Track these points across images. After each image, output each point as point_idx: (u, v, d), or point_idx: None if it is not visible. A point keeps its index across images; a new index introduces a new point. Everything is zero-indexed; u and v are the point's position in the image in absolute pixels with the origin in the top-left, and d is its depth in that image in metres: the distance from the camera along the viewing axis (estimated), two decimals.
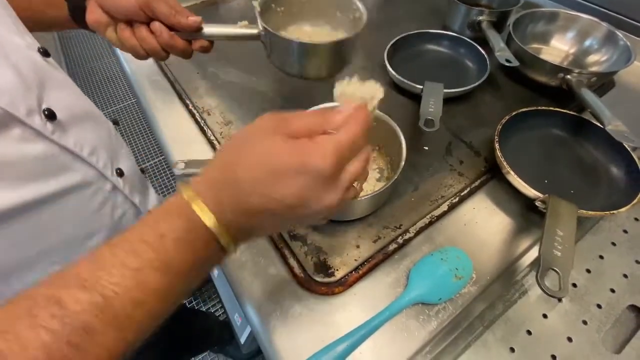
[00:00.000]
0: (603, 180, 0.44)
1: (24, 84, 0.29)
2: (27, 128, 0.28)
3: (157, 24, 0.36)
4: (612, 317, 0.42)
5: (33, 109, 0.29)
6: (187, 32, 0.38)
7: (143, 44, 0.37)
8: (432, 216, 0.42)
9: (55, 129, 0.31)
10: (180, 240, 0.21)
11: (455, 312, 0.35)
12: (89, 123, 0.37)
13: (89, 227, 0.36)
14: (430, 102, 0.46)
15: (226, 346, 1.01)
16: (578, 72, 0.49)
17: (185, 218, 0.21)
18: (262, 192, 0.21)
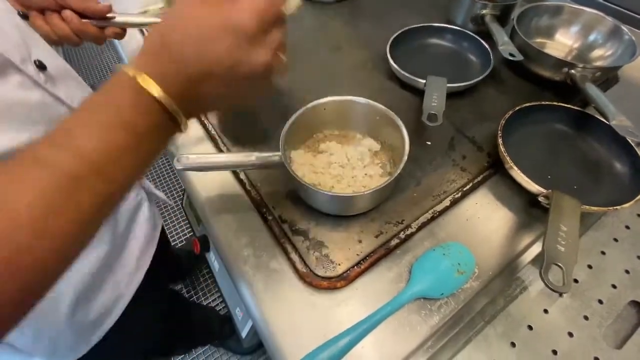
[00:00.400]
0: (606, 176, 0.43)
1: (12, 39, 0.31)
2: (24, 76, 0.31)
3: (68, 12, 0.38)
4: (614, 312, 0.42)
5: (26, 58, 0.32)
6: (97, 19, 0.40)
7: (56, 30, 0.38)
8: (434, 211, 0.41)
9: (47, 79, 0.34)
10: (132, 113, 0.22)
11: (457, 307, 0.35)
12: (73, 81, 0.40)
13: None
14: (434, 97, 0.46)
15: (227, 340, 1.02)
16: (582, 67, 0.49)
17: (134, 92, 0.22)
18: (197, 56, 0.22)
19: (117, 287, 0.47)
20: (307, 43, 0.65)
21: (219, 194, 0.45)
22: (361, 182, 0.42)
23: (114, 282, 0.46)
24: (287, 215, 0.41)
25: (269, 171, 0.45)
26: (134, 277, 0.49)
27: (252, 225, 0.41)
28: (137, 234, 0.50)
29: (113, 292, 0.47)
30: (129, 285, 0.49)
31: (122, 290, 0.48)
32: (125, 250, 0.48)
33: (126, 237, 0.48)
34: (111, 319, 0.48)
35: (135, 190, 0.49)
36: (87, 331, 0.46)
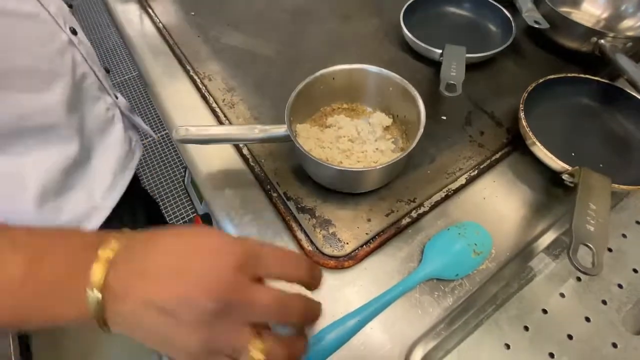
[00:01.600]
0: (635, 153, 0.41)
1: None
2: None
3: None
4: (634, 297, 0.40)
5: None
6: None
7: None
8: (448, 190, 0.39)
9: None
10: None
11: (472, 289, 0.33)
12: None
13: (50, 66, 0.39)
14: (452, 66, 0.42)
15: None
16: (613, 37, 0.45)
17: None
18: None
19: (91, 196, 0.46)
20: (314, 11, 0.61)
21: (221, 169, 0.43)
22: (372, 157, 0.39)
23: (88, 189, 0.46)
24: (293, 192, 0.39)
25: (273, 146, 0.43)
26: (110, 193, 0.48)
27: (255, 202, 0.39)
28: (108, 152, 0.49)
29: (87, 201, 0.46)
30: (105, 199, 0.48)
31: (97, 201, 0.47)
32: (96, 159, 0.47)
33: (96, 144, 0.47)
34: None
35: (105, 105, 0.48)
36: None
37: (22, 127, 0.38)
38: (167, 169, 1.43)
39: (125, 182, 0.51)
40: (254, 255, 0.20)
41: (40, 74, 0.38)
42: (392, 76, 0.39)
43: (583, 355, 0.37)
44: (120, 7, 0.67)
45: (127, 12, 0.66)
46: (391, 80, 0.40)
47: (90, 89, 0.46)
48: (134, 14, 0.66)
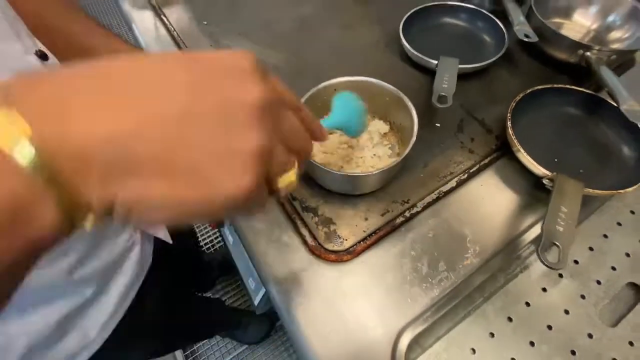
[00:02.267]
0: (614, 160, 0.44)
1: None
2: None
3: None
4: (611, 292, 0.44)
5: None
6: None
7: None
8: (440, 192, 0.43)
9: None
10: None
11: (457, 281, 0.37)
12: None
13: None
14: (445, 78, 0.46)
15: (234, 331, 1.04)
16: (598, 49, 0.48)
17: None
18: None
19: (85, 336, 0.40)
20: (318, 20, 0.65)
21: None
22: (370, 162, 0.43)
23: (82, 331, 0.39)
24: (298, 192, 0.43)
25: None
26: (107, 325, 0.42)
27: None
28: (117, 282, 0.42)
29: (79, 342, 0.39)
30: (100, 333, 0.41)
31: (90, 338, 0.40)
32: (102, 298, 0.41)
33: (109, 280, 0.41)
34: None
35: (128, 232, 0.43)
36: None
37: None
38: None
39: (127, 304, 0.44)
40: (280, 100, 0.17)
41: None
42: (388, 87, 0.43)
43: (561, 344, 0.41)
44: (136, 14, 0.71)
45: (142, 19, 0.70)
46: (387, 90, 0.43)
47: (114, 229, 0.40)
48: (149, 22, 0.70)
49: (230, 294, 1.19)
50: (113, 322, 0.42)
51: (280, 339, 1.10)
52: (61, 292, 0.35)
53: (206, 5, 0.69)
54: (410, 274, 0.38)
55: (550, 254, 0.32)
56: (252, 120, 0.15)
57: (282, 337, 1.11)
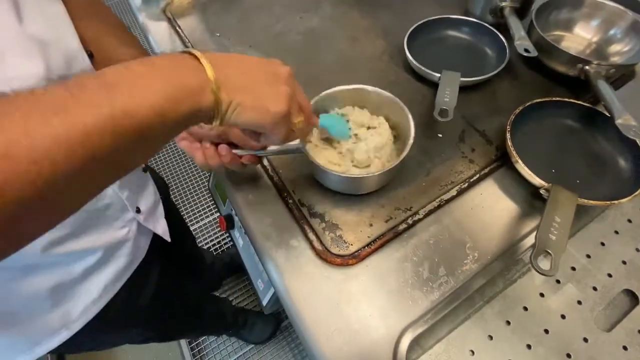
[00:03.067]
0: (610, 172, 0.46)
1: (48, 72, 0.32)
2: None
3: (224, 148, 0.41)
4: (607, 299, 0.45)
5: None
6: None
7: (210, 160, 0.41)
8: (441, 200, 0.45)
9: None
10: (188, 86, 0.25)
11: (456, 285, 0.39)
12: None
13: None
14: (446, 92, 0.48)
15: (240, 330, 1.07)
16: (597, 64, 0.50)
17: (196, 69, 0.26)
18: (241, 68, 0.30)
19: (67, 314, 0.42)
20: (325, 33, 0.67)
21: (244, 178, 0.49)
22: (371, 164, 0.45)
23: (66, 309, 0.42)
24: (306, 199, 0.46)
25: (289, 158, 0.49)
26: (89, 309, 0.44)
27: (275, 207, 0.46)
28: (107, 269, 0.45)
29: (61, 319, 0.42)
30: (82, 314, 0.44)
31: (72, 318, 0.43)
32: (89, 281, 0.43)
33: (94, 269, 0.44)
34: (58, 339, 0.43)
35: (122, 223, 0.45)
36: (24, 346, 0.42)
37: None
38: (193, 172, 1.51)
39: (111, 294, 0.47)
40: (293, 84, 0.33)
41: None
42: (384, 94, 0.45)
43: (557, 347, 0.42)
44: (152, 25, 0.75)
45: (158, 30, 0.73)
46: (385, 97, 0.45)
47: (109, 215, 0.43)
48: (164, 32, 0.73)
49: (237, 294, 1.22)
50: (96, 307, 0.45)
51: (286, 340, 1.13)
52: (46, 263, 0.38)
53: (219, 17, 0.72)
54: (411, 277, 0.40)
55: (543, 261, 0.34)
56: (287, 80, 0.32)
57: (287, 337, 1.13)
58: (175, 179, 1.49)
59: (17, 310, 0.38)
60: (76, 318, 0.44)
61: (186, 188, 1.46)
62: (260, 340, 1.10)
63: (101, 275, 0.45)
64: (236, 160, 0.41)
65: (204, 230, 1.35)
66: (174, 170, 1.51)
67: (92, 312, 0.45)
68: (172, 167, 1.52)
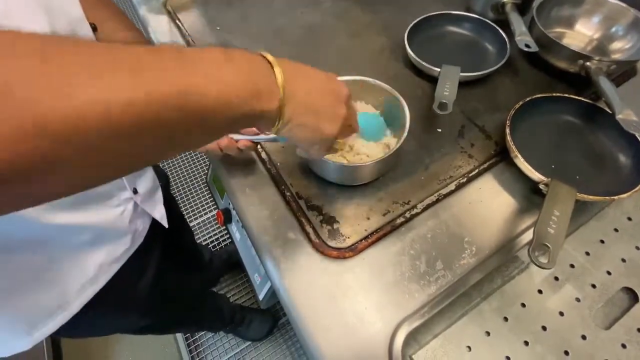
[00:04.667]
0: (609, 167, 0.45)
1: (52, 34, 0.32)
2: None
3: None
4: (605, 296, 0.45)
5: None
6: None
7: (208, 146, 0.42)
8: (439, 194, 0.45)
9: None
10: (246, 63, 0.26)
11: (453, 279, 0.39)
12: None
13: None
14: (446, 86, 0.48)
15: (237, 327, 1.06)
16: (598, 60, 0.49)
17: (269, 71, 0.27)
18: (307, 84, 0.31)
19: (64, 293, 0.42)
20: (326, 28, 0.67)
21: (242, 171, 0.49)
22: None
23: (62, 287, 0.42)
24: (303, 192, 0.45)
25: (286, 150, 0.49)
26: (85, 289, 0.44)
27: (272, 200, 0.46)
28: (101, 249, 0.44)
29: (57, 298, 0.42)
30: (79, 294, 0.43)
31: (69, 297, 0.43)
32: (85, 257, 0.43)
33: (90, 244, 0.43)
34: (54, 323, 0.43)
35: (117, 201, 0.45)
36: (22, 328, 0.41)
37: None
38: (191, 165, 1.51)
39: (109, 274, 0.46)
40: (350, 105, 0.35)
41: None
42: (384, 86, 0.45)
43: (554, 344, 0.42)
44: (152, 19, 0.74)
45: (158, 24, 0.73)
46: (382, 88, 0.45)
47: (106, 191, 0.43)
48: (164, 26, 0.73)
49: (235, 291, 1.22)
50: (92, 288, 0.45)
51: (283, 337, 1.12)
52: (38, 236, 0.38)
53: (219, 11, 0.72)
54: (408, 271, 0.40)
55: (541, 255, 0.34)
56: (346, 101, 0.33)
57: (284, 335, 1.13)
58: (174, 175, 1.49)
59: (10, 285, 0.38)
60: (73, 298, 0.43)
61: (185, 185, 1.46)
62: (257, 338, 1.10)
63: (96, 253, 0.44)
64: (232, 144, 0.42)
65: (202, 227, 1.35)
66: (173, 167, 1.51)
67: (89, 293, 0.45)
68: (172, 162, 1.52)
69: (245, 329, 1.08)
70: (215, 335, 1.14)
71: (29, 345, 0.41)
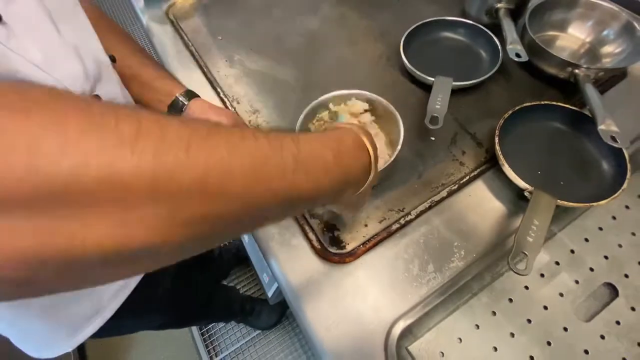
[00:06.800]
0: (593, 174, 0.48)
1: (86, 74, 0.36)
2: None
3: None
4: (588, 291, 0.49)
5: (86, 93, 0.36)
6: None
7: None
8: (432, 201, 0.48)
9: None
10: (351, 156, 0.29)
11: (443, 281, 0.43)
12: None
13: None
14: (438, 99, 0.50)
15: (247, 317, 1.13)
16: (586, 67, 0.51)
17: (359, 144, 0.30)
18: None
19: (99, 300, 0.46)
20: (323, 35, 0.69)
21: None
22: None
23: (97, 295, 0.45)
24: None
25: None
26: (118, 293, 0.48)
27: None
28: None
29: (93, 305, 0.46)
30: (112, 300, 0.47)
31: (103, 303, 0.47)
32: None
33: None
34: (92, 327, 0.47)
35: None
36: (65, 333, 0.46)
37: None
38: None
39: (138, 279, 0.50)
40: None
41: None
42: (378, 99, 0.48)
43: (538, 335, 0.46)
44: (156, 28, 0.76)
45: (161, 33, 0.74)
46: (378, 102, 0.48)
47: None
48: (167, 35, 0.74)
49: (244, 282, 1.28)
50: (123, 293, 0.48)
51: (291, 325, 1.19)
52: None
53: (220, 20, 0.74)
54: (402, 274, 0.44)
55: (519, 262, 0.37)
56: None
57: (292, 322, 1.19)
58: None
59: (54, 301, 0.42)
60: (107, 304, 0.47)
61: None
62: (266, 326, 1.16)
63: None
64: None
65: None
66: None
67: (121, 297, 0.49)
68: None
69: (255, 319, 1.14)
70: (227, 324, 1.21)
71: (72, 347, 0.46)
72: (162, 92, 0.47)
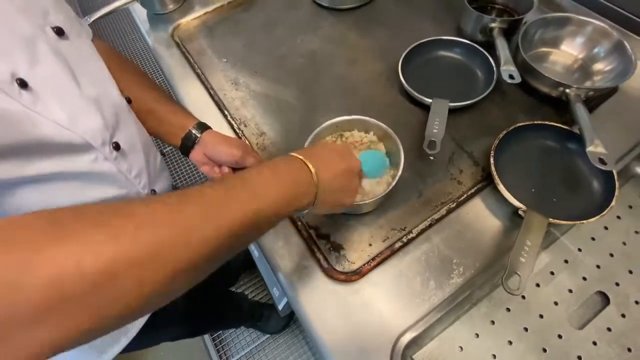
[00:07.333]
0: (584, 192, 0.51)
1: (105, 125, 0.39)
2: (99, 153, 0.38)
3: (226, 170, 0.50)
4: (580, 300, 0.52)
5: (106, 142, 0.39)
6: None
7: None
8: (432, 219, 0.51)
9: (117, 156, 0.41)
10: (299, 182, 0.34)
11: (443, 297, 0.46)
12: (143, 153, 0.46)
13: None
14: (435, 123, 0.53)
15: (257, 322, 1.16)
16: (576, 87, 0.54)
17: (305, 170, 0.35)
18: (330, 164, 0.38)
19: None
20: (324, 55, 0.71)
21: None
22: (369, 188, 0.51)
23: None
24: (314, 223, 0.52)
25: None
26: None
27: (286, 230, 0.52)
28: None
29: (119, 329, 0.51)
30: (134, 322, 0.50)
31: (129, 325, 0.50)
32: None
33: None
34: (119, 346, 0.50)
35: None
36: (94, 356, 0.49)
37: None
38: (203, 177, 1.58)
39: None
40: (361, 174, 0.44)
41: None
42: (380, 125, 0.51)
43: (534, 343, 0.49)
44: (162, 50, 0.79)
45: (167, 55, 0.77)
46: (379, 127, 0.51)
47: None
48: (173, 58, 0.77)
49: (252, 288, 1.31)
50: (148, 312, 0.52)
51: (299, 329, 1.23)
52: None
53: (224, 42, 0.77)
54: (405, 291, 0.47)
55: (512, 282, 0.40)
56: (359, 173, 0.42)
57: (300, 326, 1.23)
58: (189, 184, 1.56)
59: None
60: (132, 325, 0.51)
61: None
62: (275, 331, 1.20)
63: None
64: (213, 173, 0.49)
65: None
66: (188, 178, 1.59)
67: (145, 316, 0.52)
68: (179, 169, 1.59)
69: (264, 324, 1.18)
70: (236, 329, 1.24)
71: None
72: (176, 126, 0.50)
